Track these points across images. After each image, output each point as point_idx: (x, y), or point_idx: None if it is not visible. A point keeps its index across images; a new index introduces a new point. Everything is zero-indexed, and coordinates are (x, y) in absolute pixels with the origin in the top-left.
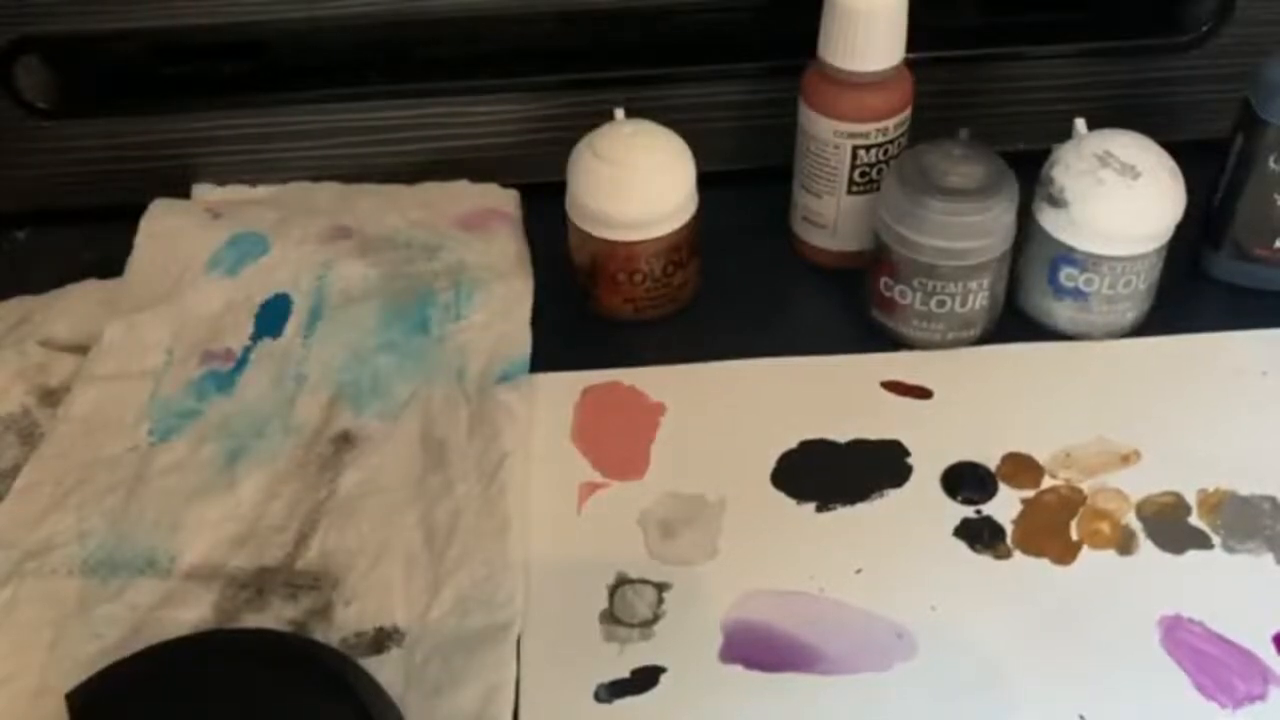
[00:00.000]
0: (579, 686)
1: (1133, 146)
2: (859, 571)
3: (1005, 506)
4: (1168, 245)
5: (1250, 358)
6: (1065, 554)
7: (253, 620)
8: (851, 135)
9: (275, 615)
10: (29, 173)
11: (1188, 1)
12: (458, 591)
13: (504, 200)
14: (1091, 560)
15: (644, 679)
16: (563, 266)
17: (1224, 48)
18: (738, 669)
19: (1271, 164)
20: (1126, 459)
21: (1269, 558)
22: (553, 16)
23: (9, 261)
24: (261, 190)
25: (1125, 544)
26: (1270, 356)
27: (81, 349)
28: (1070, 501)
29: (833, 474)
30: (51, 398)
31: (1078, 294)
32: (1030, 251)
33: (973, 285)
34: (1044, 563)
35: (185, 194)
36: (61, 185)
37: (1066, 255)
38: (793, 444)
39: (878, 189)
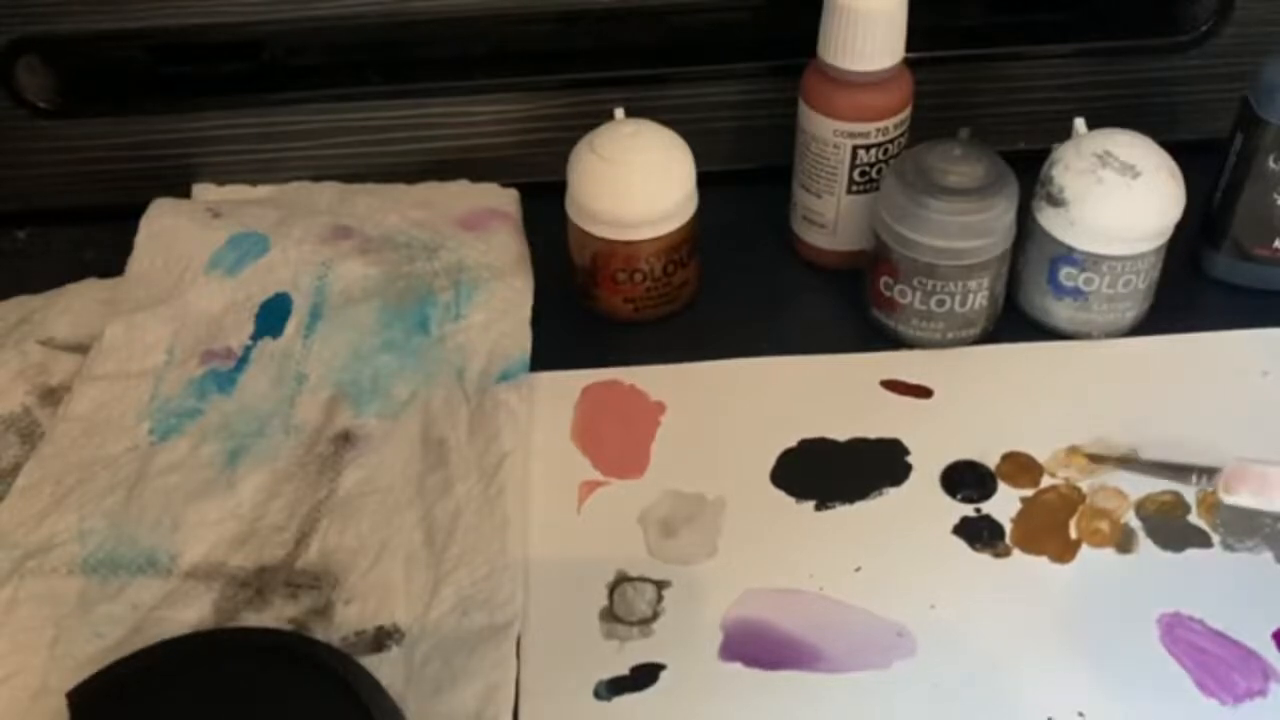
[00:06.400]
0: (579, 683)
1: (1132, 146)
2: (858, 570)
3: (1005, 505)
4: (1167, 245)
5: (1250, 357)
6: (1065, 552)
7: (253, 619)
8: (851, 135)
9: (275, 614)
10: (29, 173)
11: (1188, 1)
12: (458, 591)
13: (504, 200)
14: (1091, 558)
15: (643, 676)
16: (563, 266)
17: (1224, 48)
18: (737, 667)
19: (1271, 164)
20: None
21: (1268, 555)
22: (553, 16)
23: (9, 261)
24: (261, 190)
25: (1125, 542)
26: (1270, 356)
27: (82, 349)
28: (1070, 500)
29: (832, 473)
30: (52, 397)
31: (1077, 293)
32: (1030, 251)
33: (972, 285)
34: (1043, 561)
35: (185, 194)
36: (61, 185)
37: (1066, 255)
38: (792, 443)
39: (878, 189)
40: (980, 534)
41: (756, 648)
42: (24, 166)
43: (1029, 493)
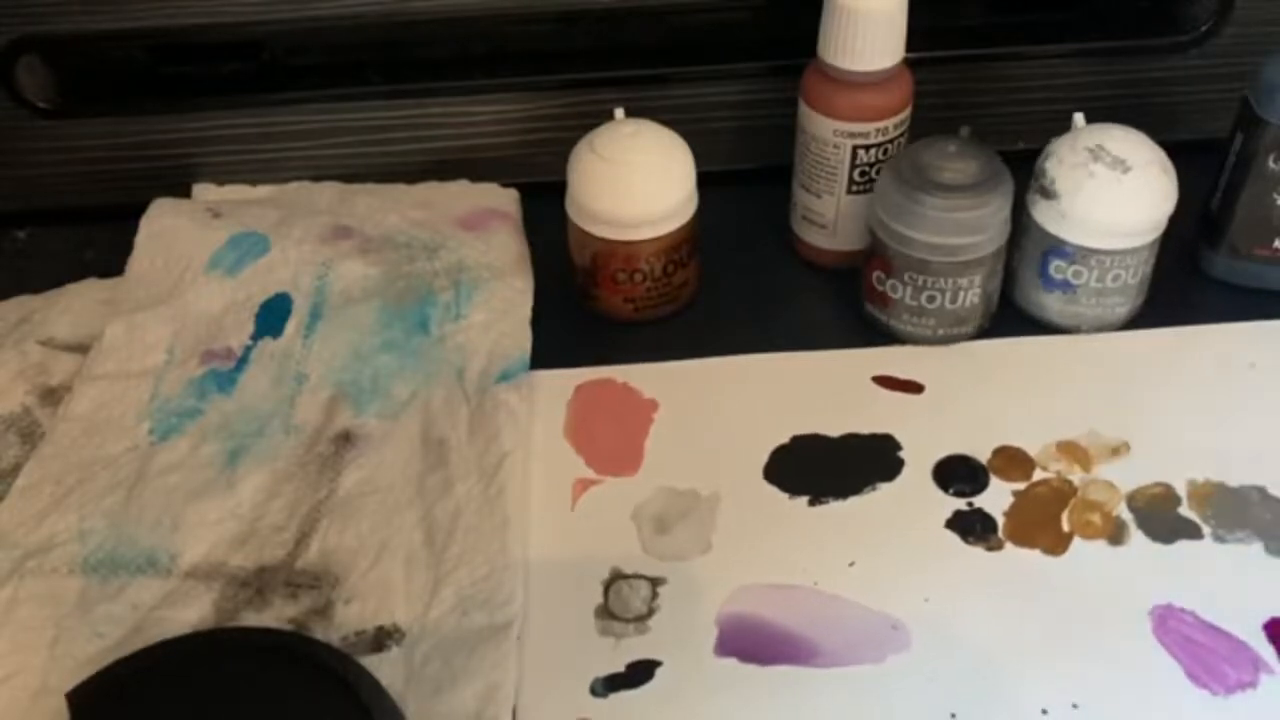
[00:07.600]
0: (575, 680)
1: (1125, 141)
2: (852, 565)
3: (997, 499)
4: (1159, 241)
5: (1237, 349)
6: (1057, 545)
7: (253, 619)
8: (851, 135)
9: (275, 614)
10: (29, 173)
11: (1188, 1)
12: (458, 590)
13: (504, 200)
14: (1083, 551)
15: (639, 673)
16: (563, 266)
17: (1224, 48)
18: (732, 662)
19: (1271, 164)
20: (1117, 451)
21: (1258, 546)
22: (553, 16)
23: (9, 261)
24: (261, 190)
25: (1116, 535)
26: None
27: (82, 348)
28: (1061, 493)
29: (825, 468)
30: (52, 397)
31: (1066, 286)
32: (1024, 244)
33: (963, 282)
34: (1036, 554)
35: (185, 194)
36: (61, 185)
37: (1057, 247)
38: (785, 439)
39: None
40: (973, 527)
41: (751, 643)
42: (24, 166)
43: (1021, 486)
